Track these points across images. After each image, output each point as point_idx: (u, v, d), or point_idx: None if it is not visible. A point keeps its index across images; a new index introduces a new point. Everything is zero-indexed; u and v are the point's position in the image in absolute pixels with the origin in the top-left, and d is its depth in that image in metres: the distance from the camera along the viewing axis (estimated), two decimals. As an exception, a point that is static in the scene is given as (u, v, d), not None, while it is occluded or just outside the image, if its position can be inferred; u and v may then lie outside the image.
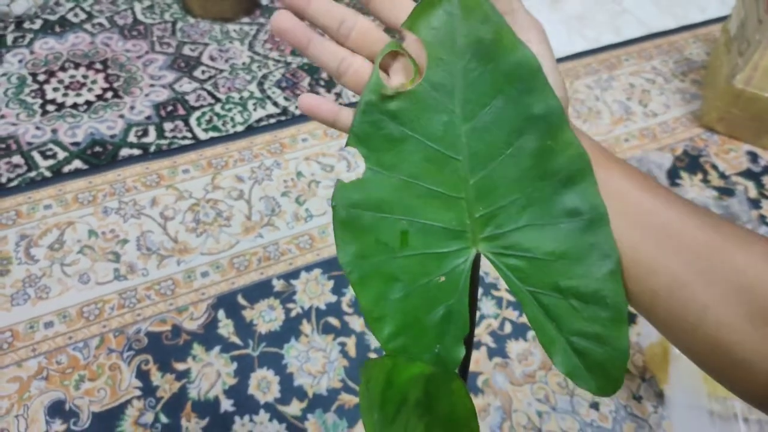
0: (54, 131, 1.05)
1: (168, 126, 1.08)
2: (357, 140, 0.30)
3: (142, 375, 0.78)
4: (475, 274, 0.30)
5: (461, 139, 0.29)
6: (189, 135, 1.07)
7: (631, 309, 0.30)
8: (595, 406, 0.82)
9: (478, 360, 0.85)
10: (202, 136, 1.08)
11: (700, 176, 1.14)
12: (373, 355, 0.83)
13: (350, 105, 0.31)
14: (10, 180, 0.96)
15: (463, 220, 0.30)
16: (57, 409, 0.74)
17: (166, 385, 0.78)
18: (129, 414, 0.75)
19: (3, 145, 1.01)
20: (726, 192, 1.11)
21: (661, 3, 1.60)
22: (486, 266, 0.93)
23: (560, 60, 1.33)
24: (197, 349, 0.81)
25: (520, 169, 0.29)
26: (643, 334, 0.88)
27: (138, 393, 0.77)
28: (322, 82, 1.21)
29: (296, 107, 1.16)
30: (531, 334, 0.88)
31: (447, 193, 0.30)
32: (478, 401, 0.81)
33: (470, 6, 0.28)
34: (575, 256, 0.29)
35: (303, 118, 1.14)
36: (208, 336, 0.82)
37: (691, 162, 1.16)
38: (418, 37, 0.28)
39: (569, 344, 0.29)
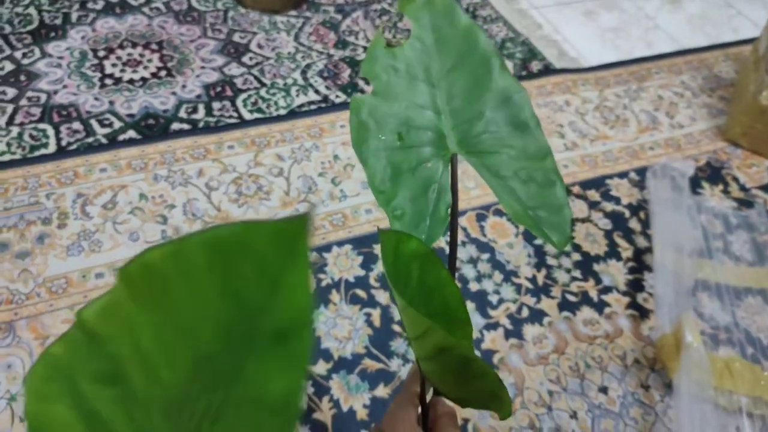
0: (111, 103, 1.12)
1: (216, 105, 1.15)
2: (367, 70, 0.43)
3: (183, 327, 0.84)
4: (454, 167, 0.43)
5: (437, 77, 0.44)
6: (235, 115, 1.14)
7: (646, 305, 0.36)
8: (604, 390, 0.86)
9: (495, 339, 0.89)
10: (247, 116, 1.14)
11: (720, 187, 1.17)
12: (396, 327, 0.89)
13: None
14: (69, 144, 1.04)
15: (442, 130, 0.44)
16: (104, 350, 0.81)
17: (204, 337, 0.83)
18: (169, 360, 0.81)
19: (65, 112, 1.09)
20: (745, 203, 1.15)
21: (694, 22, 1.63)
22: (507, 254, 0.98)
23: (592, 69, 1.38)
24: (234, 307, 0.87)
25: (478, 96, 0.43)
26: (656, 327, 0.92)
27: (178, 342, 0.83)
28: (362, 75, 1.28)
29: (336, 96, 1.22)
30: (547, 320, 0.93)
31: (432, 110, 0.43)
32: (492, 377, 0.85)
33: (434, 2, 0.45)
34: (522, 151, 0.42)
35: (342, 106, 1.20)
36: (245, 297, 0.88)
37: (713, 173, 1.20)
38: (406, 15, 0.45)
39: (531, 213, 0.42)
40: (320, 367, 0.83)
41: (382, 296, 0.92)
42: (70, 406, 0.25)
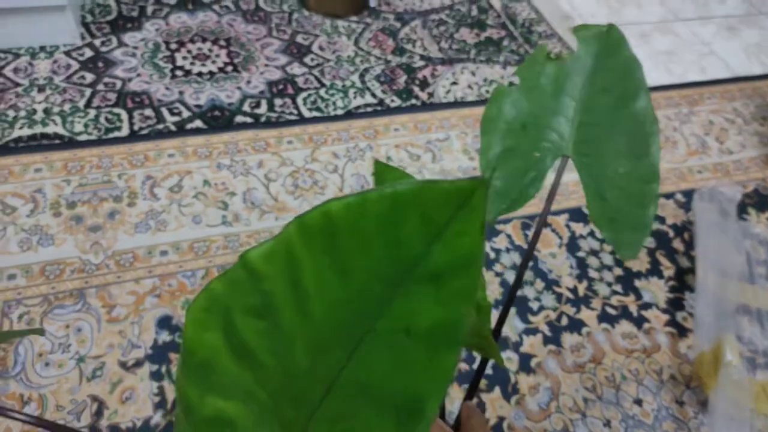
0: (181, 93, 1.19)
1: (278, 102, 1.21)
2: (522, 70, 0.51)
3: (238, 307, 0.89)
4: (561, 168, 0.49)
5: (580, 93, 0.50)
6: (295, 112, 1.20)
7: (685, 324, 0.39)
8: (638, 402, 0.88)
9: (533, 344, 0.92)
10: (307, 114, 1.20)
11: (767, 215, 1.18)
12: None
13: (443, 105, 0.42)
14: (141, 128, 1.11)
15: (563, 134, 0.49)
16: (165, 323, 0.86)
17: (257, 318, 0.88)
18: (224, 337, 0.86)
19: (138, 99, 1.16)
20: (792, 233, 1.15)
21: (750, 50, 1.63)
22: (550, 263, 1.01)
23: (643, 90, 1.40)
24: (286, 293, 0.92)
25: (613, 117, 0.49)
26: (694, 346, 0.93)
27: (233, 321, 0.88)
28: (417, 81, 1.32)
29: (392, 100, 1.26)
30: (585, 330, 0.95)
31: (563, 117, 0.50)
32: (529, 380, 0.88)
33: (609, 32, 0.52)
34: (633, 170, 0.48)
35: (397, 110, 1.24)
36: (297, 284, 0.93)
37: (760, 200, 1.20)
38: (577, 38, 0.51)
39: (613, 226, 0.46)
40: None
41: (426, 294, 0.95)
42: (222, 335, 0.29)
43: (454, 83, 1.33)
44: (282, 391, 0.29)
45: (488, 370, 0.88)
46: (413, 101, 1.27)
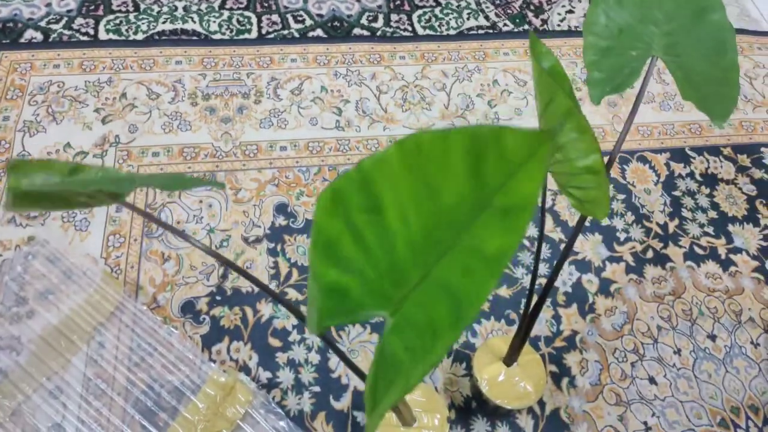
0: (305, 2, 1.26)
1: (394, 17, 1.25)
2: None
3: (345, 203, 0.99)
4: (651, 66, 0.59)
5: (665, 10, 0.59)
6: (409, 28, 1.24)
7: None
8: (712, 337, 0.91)
9: (615, 271, 0.96)
10: (420, 31, 1.24)
11: None
12: (526, 242, 0.98)
13: (556, 33, 0.45)
14: (268, 33, 1.19)
15: (653, 38, 0.59)
16: (282, 209, 0.97)
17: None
18: (331, 227, 0.96)
19: (266, 4, 1.24)
20: None
21: None
22: (643, 199, 1.03)
23: (773, 34, 1.33)
24: (389, 196, 1.00)
25: (692, 26, 0.58)
26: (778, 294, 0.95)
27: (340, 215, 0.98)
28: (532, 7, 1.32)
29: (504, 24, 1.28)
30: (670, 265, 0.98)
31: (652, 25, 0.59)
32: (607, 302, 0.93)
33: None
34: (715, 63, 0.57)
35: (509, 34, 1.26)
36: (399, 189, 1.01)
37: None
38: None
39: (702, 94, 0.55)
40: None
41: (518, 213, 1.01)
42: (343, 222, 0.37)
43: (570, 11, 1.32)
44: (386, 273, 0.37)
45: (567, 288, 0.94)
46: (526, 26, 1.28)
